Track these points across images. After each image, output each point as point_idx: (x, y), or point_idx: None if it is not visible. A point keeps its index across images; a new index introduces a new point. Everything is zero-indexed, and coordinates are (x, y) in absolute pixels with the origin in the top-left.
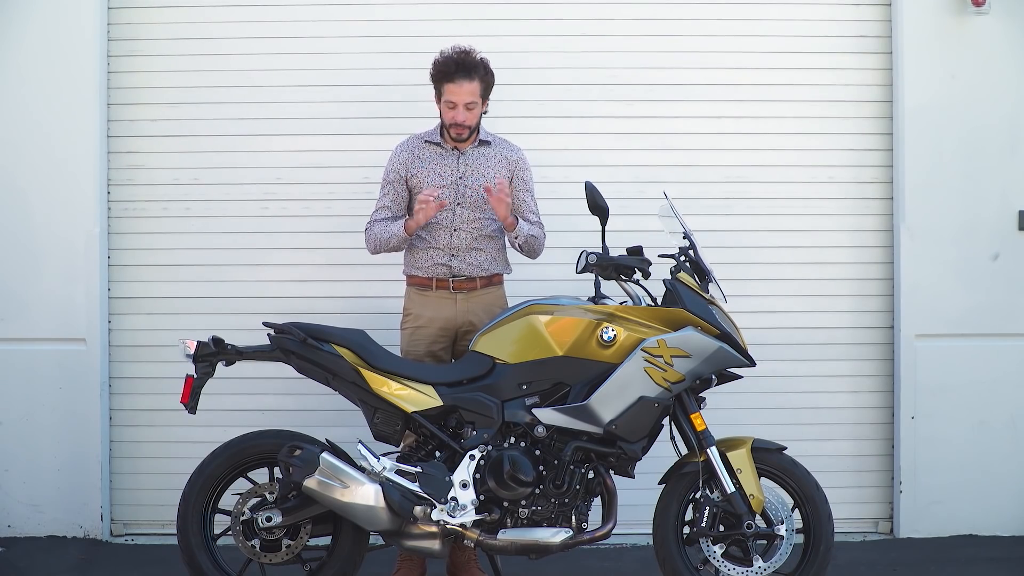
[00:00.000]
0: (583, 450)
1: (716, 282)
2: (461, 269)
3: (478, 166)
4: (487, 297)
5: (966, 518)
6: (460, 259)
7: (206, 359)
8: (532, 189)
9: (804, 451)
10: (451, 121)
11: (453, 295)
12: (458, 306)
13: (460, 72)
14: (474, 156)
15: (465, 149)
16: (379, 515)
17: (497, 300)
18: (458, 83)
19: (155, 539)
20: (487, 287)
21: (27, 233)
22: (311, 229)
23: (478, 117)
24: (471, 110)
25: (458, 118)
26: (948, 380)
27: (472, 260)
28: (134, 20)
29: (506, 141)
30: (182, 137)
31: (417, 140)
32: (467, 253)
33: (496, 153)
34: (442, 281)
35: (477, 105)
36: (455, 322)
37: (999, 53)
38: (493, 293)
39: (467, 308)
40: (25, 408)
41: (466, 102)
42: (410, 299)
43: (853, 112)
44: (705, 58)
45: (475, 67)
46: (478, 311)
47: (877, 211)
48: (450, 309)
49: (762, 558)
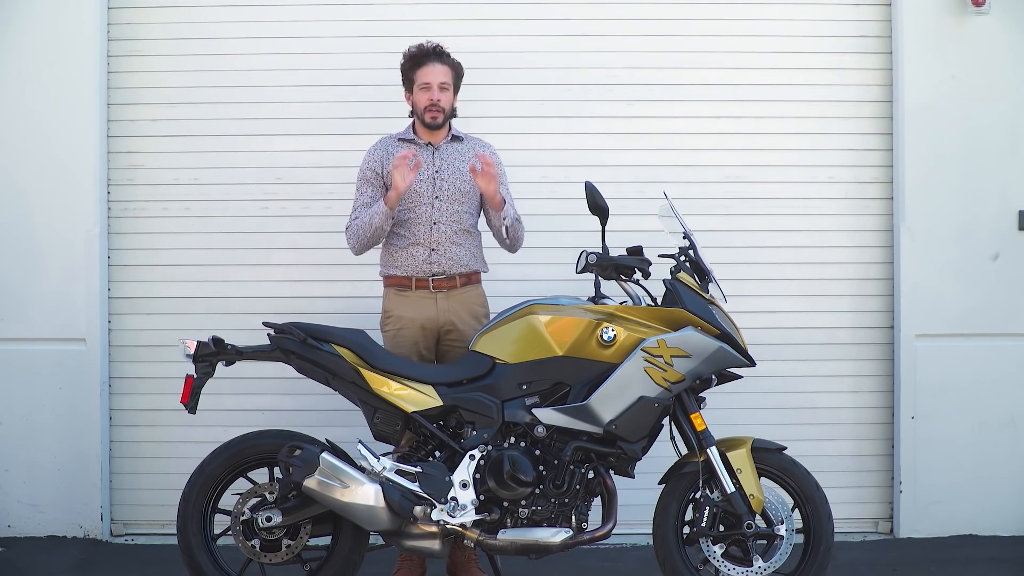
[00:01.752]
0: (583, 450)
1: (716, 282)
2: (442, 265)
3: (452, 160)
4: (467, 296)
5: (966, 518)
6: (440, 253)
7: (206, 359)
8: (507, 183)
9: (804, 451)
10: (427, 103)
11: (433, 294)
12: (439, 305)
13: (432, 56)
14: (448, 151)
15: (439, 144)
16: (379, 515)
17: (477, 299)
18: (431, 65)
19: (155, 539)
20: (466, 285)
21: (27, 233)
22: (311, 229)
23: (451, 103)
24: (445, 91)
25: (434, 97)
26: (948, 380)
27: (452, 255)
28: (134, 20)
29: (478, 139)
30: (182, 137)
31: (390, 139)
32: (447, 247)
33: (468, 149)
34: (422, 280)
35: (450, 88)
36: (436, 322)
37: (999, 53)
38: (472, 291)
39: (448, 307)
40: (25, 408)
41: (440, 82)
42: (389, 300)
43: (853, 112)
44: (705, 58)
45: (445, 55)
46: (459, 310)
47: (877, 211)
48: (431, 309)
49: (762, 558)
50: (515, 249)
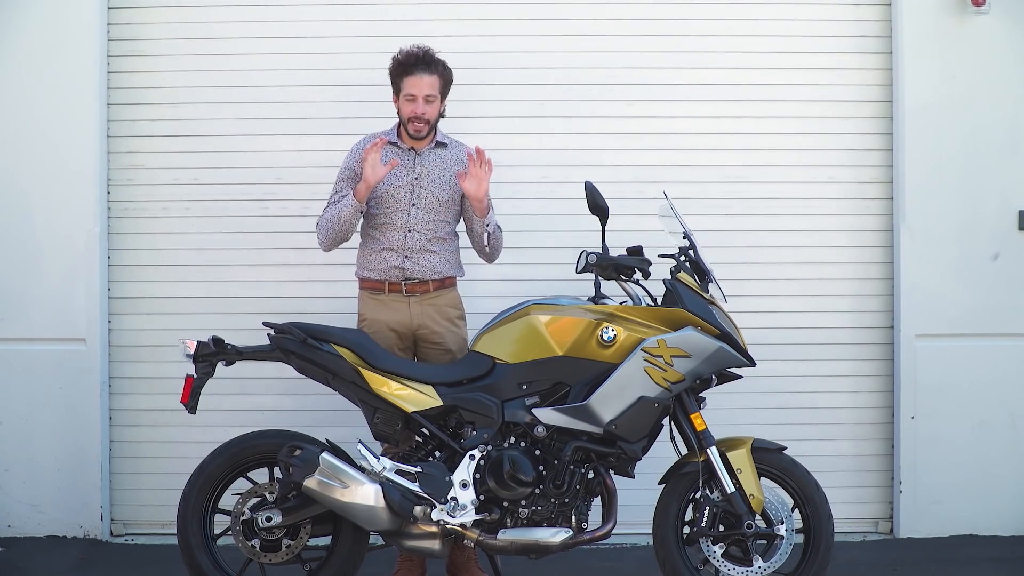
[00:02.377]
0: (583, 450)
1: (716, 282)
2: (414, 271)
3: (434, 168)
4: (440, 299)
5: (966, 518)
6: (413, 261)
7: (206, 359)
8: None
9: (804, 451)
10: (410, 115)
11: (406, 298)
12: (412, 309)
13: (420, 65)
14: (431, 158)
15: (422, 150)
16: (379, 515)
17: (451, 302)
18: (418, 76)
19: (155, 539)
20: (440, 289)
21: (27, 233)
22: (311, 229)
23: (437, 114)
24: (431, 103)
25: (418, 110)
26: (948, 380)
27: (425, 262)
28: (134, 20)
29: (462, 143)
30: (182, 137)
31: (373, 139)
32: (420, 255)
33: (452, 155)
34: (394, 284)
35: (436, 100)
36: (409, 325)
37: (999, 53)
38: (446, 296)
39: (420, 311)
40: (25, 408)
41: (425, 94)
42: (363, 302)
43: (853, 112)
44: (705, 58)
45: (434, 62)
46: (432, 313)
47: (877, 211)
48: (403, 312)
49: (762, 558)
50: (493, 259)
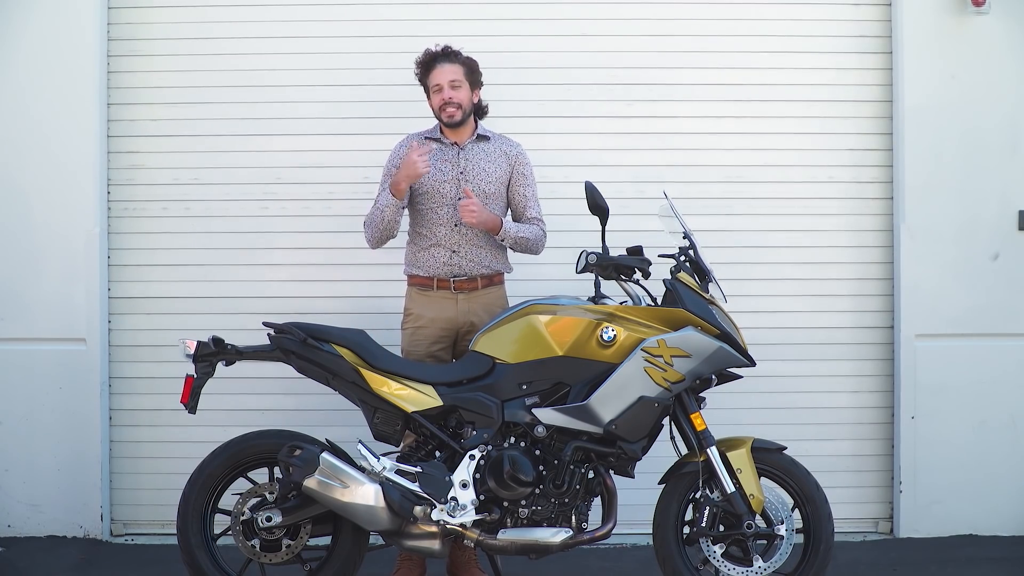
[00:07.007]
0: (583, 450)
1: (716, 282)
2: (463, 267)
3: (478, 161)
4: (488, 297)
5: (966, 518)
6: (462, 255)
7: (206, 359)
8: (533, 184)
9: (804, 451)
10: (440, 102)
11: (454, 295)
12: (459, 306)
13: (440, 58)
14: (474, 151)
15: (464, 144)
16: (379, 515)
17: (498, 300)
18: (439, 67)
19: (155, 539)
20: (488, 287)
21: (27, 233)
22: (311, 229)
23: (468, 98)
24: (457, 88)
25: (445, 96)
26: (948, 380)
27: (474, 256)
28: (134, 20)
29: (506, 137)
30: (182, 137)
31: (417, 137)
32: (468, 249)
33: (495, 148)
34: (443, 281)
35: (463, 84)
36: (456, 323)
37: (999, 53)
38: (494, 293)
39: (468, 308)
40: (25, 408)
41: (449, 80)
42: (411, 299)
43: (853, 112)
44: (705, 58)
45: (453, 53)
46: (479, 311)
47: (877, 211)
48: (451, 309)
49: (762, 558)
50: (536, 254)
